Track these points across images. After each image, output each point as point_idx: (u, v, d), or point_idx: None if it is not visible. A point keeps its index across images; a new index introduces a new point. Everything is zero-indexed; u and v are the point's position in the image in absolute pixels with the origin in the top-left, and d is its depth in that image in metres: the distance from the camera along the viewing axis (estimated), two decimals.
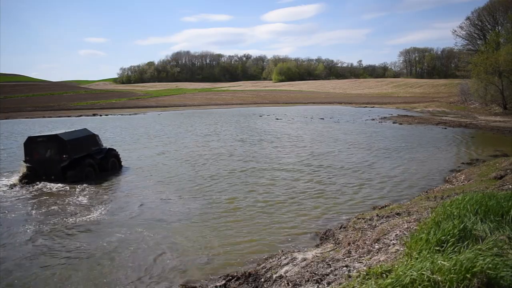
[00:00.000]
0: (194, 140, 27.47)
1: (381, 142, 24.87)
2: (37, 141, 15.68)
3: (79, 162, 15.85)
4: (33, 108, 64.69)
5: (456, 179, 14.43)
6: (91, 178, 15.99)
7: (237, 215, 11.46)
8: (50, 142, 15.57)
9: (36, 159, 15.59)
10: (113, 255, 8.84)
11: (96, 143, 17.57)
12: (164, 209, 12.16)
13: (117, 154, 18.43)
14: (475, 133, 28.81)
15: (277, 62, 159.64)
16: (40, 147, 15.62)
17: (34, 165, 15.59)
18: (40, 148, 15.61)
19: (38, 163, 15.57)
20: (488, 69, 39.47)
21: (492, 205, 5.43)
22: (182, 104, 73.95)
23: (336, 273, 5.55)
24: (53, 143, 15.51)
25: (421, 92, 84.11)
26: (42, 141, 15.68)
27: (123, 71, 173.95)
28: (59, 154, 15.44)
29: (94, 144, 17.40)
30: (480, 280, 3.46)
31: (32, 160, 15.61)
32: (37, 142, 15.67)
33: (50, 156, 15.52)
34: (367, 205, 12.03)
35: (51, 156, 15.52)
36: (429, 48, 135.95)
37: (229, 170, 17.46)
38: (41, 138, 15.85)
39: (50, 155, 15.54)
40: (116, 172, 17.54)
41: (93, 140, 17.45)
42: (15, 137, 30.30)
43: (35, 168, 15.57)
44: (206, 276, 7.72)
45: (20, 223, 11.12)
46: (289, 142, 25.73)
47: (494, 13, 47.55)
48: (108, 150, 18.09)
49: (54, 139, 15.49)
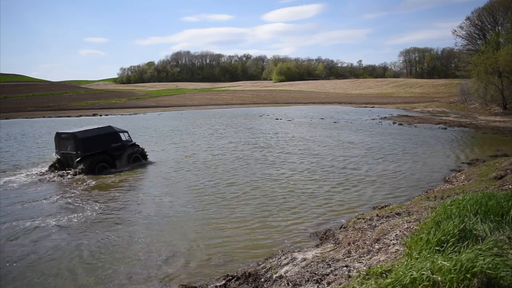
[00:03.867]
0: (206, 140, 27.50)
1: (381, 142, 24.85)
2: (61, 137, 17.88)
3: (91, 158, 17.30)
4: (33, 108, 64.70)
5: (456, 179, 14.43)
6: (104, 172, 17.41)
7: (238, 215, 11.47)
8: (69, 138, 17.53)
9: (62, 152, 17.86)
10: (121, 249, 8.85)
11: (118, 140, 18.76)
12: (168, 207, 12.19)
13: (141, 150, 19.69)
14: (475, 133, 28.80)
15: (277, 62, 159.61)
16: (63, 141, 17.81)
17: (61, 157, 17.89)
18: (63, 142, 17.82)
19: (63, 156, 17.85)
20: (488, 69, 39.47)
21: (492, 205, 5.42)
22: (182, 104, 73.96)
23: (336, 273, 5.54)
24: (71, 140, 17.45)
25: (421, 92, 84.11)
26: (65, 137, 17.76)
27: (123, 71, 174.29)
28: (75, 149, 17.35)
29: (115, 141, 18.61)
30: (480, 280, 3.45)
31: (59, 153, 17.95)
32: (61, 137, 17.88)
33: (69, 151, 17.56)
34: (367, 205, 12.02)
35: (70, 150, 17.55)
36: (429, 48, 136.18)
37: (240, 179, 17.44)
38: (64, 134, 17.87)
39: (69, 149, 17.59)
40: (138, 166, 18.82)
41: (114, 137, 18.66)
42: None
43: (61, 160, 17.86)
44: (206, 276, 7.72)
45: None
46: (287, 141, 25.73)
47: (494, 13, 47.50)
48: (131, 146, 19.26)
49: (72, 136, 17.40)
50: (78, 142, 17.21)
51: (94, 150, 17.50)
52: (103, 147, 17.92)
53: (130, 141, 19.61)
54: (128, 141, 19.44)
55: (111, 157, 18.21)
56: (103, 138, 18.11)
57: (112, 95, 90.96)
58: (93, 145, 17.59)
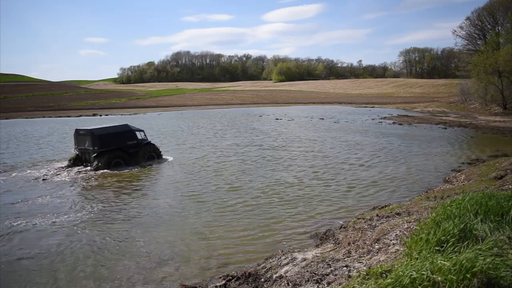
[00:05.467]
0: (210, 141, 27.48)
1: (381, 142, 24.86)
2: (80, 133, 18.82)
3: (107, 154, 18.16)
4: (33, 108, 64.68)
5: (456, 179, 14.43)
6: (119, 167, 18.29)
7: (238, 213, 11.48)
8: (87, 135, 18.44)
9: (80, 148, 18.82)
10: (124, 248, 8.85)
11: (134, 138, 19.59)
12: (170, 207, 12.20)
13: (156, 148, 20.54)
14: (475, 133, 28.80)
15: (277, 62, 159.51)
16: (81, 138, 18.76)
17: (79, 152, 18.88)
18: (81, 139, 18.76)
19: (81, 151, 18.81)
20: (488, 69, 39.46)
21: (492, 205, 5.42)
22: (182, 104, 73.95)
23: (336, 273, 5.54)
24: (88, 136, 18.34)
25: (421, 92, 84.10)
26: (83, 134, 18.69)
27: (123, 71, 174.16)
28: (92, 145, 18.22)
29: (131, 139, 19.41)
30: (480, 280, 3.45)
31: (78, 148, 18.92)
32: (80, 134, 18.83)
33: (87, 147, 18.43)
34: (367, 205, 12.03)
35: (87, 146, 18.43)
36: (429, 48, 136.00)
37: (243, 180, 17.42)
38: (82, 131, 18.82)
39: (87, 145, 18.47)
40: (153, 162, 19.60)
41: (130, 135, 19.49)
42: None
43: (79, 155, 18.84)
44: (206, 276, 7.72)
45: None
46: (288, 142, 25.73)
47: (494, 13, 47.46)
48: (146, 144, 20.05)
49: (89, 133, 18.30)
50: (95, 139, 18.08)
51: (110, 146, 18.41)
52: (118, 144, 18.83)
53: (146, 139, 20.40)
54: (144, 139, 20.26)
55: (126, 154, 19.05)
56: (119, 135, 18.99)
57: (112, 95, 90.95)
58: (109, 142, 18.47)
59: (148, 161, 19.65)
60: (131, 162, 19.00)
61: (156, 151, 20.45)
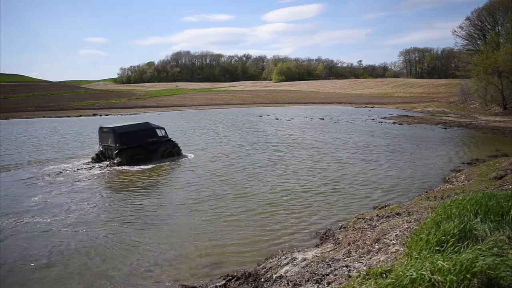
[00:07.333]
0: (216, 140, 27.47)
1: (381, 142, 24.86)
2: (103, 131, 19.81)
3: (128, 150, 19.03)
4: (33, 108, 64.69)
5: (456, 179, 14.43)
6: (139, 163, 19.05)
7: (239, 215, 11.48)
8: (110, 132, 19.38)
9: (103, 145, 19.82)
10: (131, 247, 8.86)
11: (154, 135, 20.29)
12: (173, 207, 12.20)
13: (175, 145, 21.19)
14: (475, 133, 28.79)
15: (277, 62, 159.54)
16: (105, 135, 19.74)
17: (103, 149, 19.85)
18: (105, 136, 19.74)
19: (105, 148, 19.79)
20: (488, 69, 39.45)
21: (492, 205, 5.42)
22: (182, 104, 73.95)
23: (336, 273, 5.54)
24: (111, 134, 19.29)
25: (421, 92, 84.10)
26: (106, 131, 19.66)
27: (123, 71, 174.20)
28: (114, 142, 19.15)
29: (151, 136, 20.15)
30: (480, 280, 3.45)
31: (102, 145, 19.89)
32: (103, 131, 19.81)
33: (110, 143, 19.40)
34: (367, 205, 12.03)
35: (110, 143, 19.40)
36: (429, 48, 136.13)
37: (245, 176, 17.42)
38: (105, 128, 19.83)
39: (109, 142, 19.43)
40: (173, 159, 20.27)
41: (150, 133, 20.20)
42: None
43: (103, 151, 19.81)
44: (206, 275, 7.72)
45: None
46: (285, 141, 25.73)
47: (494, 13, 47.44)
48: (166, 142, 20.71)
49: (111, 131, 19.24)
50: (116, 136, 18.99)
51: (131, 143, 19.24)
52: (139, 141, 19.64)
53: (166, 137, 20.98)
54: (164, 137, 20.85)
55: (147, 151, 19.82)
56: (140, 133, 19.79)
57: (112, 95, 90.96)
58: (130, 139, 19.31)
59: (168, 157, 20.23)
60: (151, 158, 19.70)
61: (175, 148, 21.03)
